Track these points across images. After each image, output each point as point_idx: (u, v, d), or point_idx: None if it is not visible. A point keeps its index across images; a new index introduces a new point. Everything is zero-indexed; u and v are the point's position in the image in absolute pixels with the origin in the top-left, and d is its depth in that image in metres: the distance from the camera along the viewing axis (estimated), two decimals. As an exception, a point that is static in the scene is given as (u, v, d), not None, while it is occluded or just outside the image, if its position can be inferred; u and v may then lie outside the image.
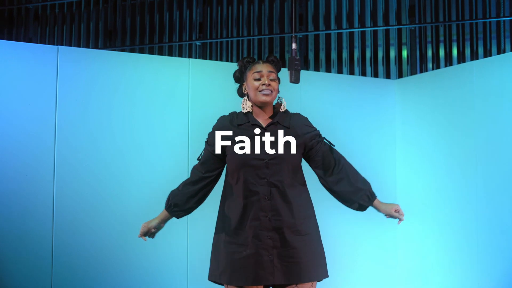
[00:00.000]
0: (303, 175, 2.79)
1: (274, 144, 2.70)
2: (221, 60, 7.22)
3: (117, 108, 4.22)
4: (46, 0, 7.78)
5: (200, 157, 2.81)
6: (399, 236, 5.09)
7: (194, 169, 2.81)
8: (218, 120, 2.84)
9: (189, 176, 2.82)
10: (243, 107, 2.80)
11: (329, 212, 4.13)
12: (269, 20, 7.16)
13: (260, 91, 2.71)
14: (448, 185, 4.70)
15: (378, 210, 2.82)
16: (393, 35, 6.82)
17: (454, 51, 6.55)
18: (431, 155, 4.86)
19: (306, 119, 2.86)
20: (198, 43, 7.37)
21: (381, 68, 6.78)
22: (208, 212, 3.07)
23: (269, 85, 2.71)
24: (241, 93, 2.85)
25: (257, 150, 2.68)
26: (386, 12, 6.83)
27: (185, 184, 2.79)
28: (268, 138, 2.70)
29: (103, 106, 4.17)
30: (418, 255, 4.97)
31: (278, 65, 2.79)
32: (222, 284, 2.74)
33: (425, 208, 4.90)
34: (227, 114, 2.83)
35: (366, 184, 2.80)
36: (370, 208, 2.83)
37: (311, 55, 7.01)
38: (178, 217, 2.81)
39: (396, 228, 5.00)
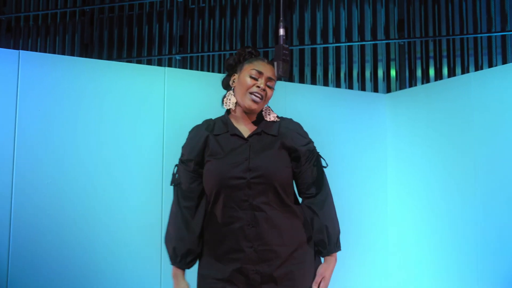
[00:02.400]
0: (295, 193, 2.32)
1: (258, 159, 2.21)
2: (202, 75, 6.91)
3: (84, 117, 3.84)
4: (20, 11, 7.48)
5: (174, 185, 2.30)
6: (390, 261, 4.81)
7: (182, 202, 2.28)
8: (191, 131, 2.35)
9: (169, 210, 2.32)
10: (225, 102, 2.34)
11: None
12: (252, 34, 6.90)
13: (251, 93, 2.25)
14: (443, 205, 4.40)
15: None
16: (381, 50, 6.59)
17: (445, 67, 6.34)
18: (425, 173, 4.58)
19: (299, 126, 2.37)
20: (178, 57, 7.08)
21: (368, 84, 6.54)
22: None
23: (263, 90, 2.27)
24: (226, 85, 2.39)
25: (237, 167, 2.19)
26: (374, 26, 6.61)
27: (179, 225, 2.27)
28: (250, 151, 2.23)
29: (69, 116, 3.78)
30: (410, 274, 4.67)
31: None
32: None
33: (419, 231, 4.62)
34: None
35: (331, 230, 2.31)
36: (360, 220, 2.44)
37: (296, 70, 6.74)
38: (190, 267, 2.31)
39: (388, 249, 4.75)
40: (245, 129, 2.32)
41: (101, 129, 3.87)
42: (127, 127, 3.95)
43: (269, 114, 2.37)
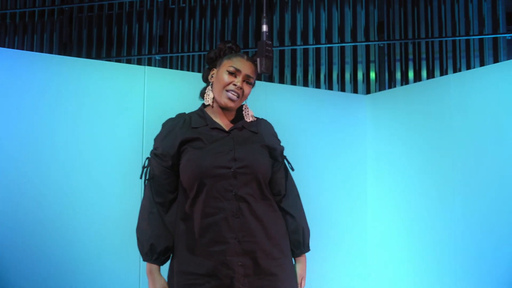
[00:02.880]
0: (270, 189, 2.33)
1: (242, 150, 2.21)
2: (182, 75, 6.86)
3: (61, 116, 3.75)
4: (-3, 9, 7.39)
5: (146, 181, 2.26)
6: (369, 261, 4.81)
7: (151, 201, 2.25)
8: (165, 123, 2.32)
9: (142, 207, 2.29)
10: (205, 98, 2.33)
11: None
12: (232, 35, 6.88)
13: (228, 90, 2.25)
14: (423, 206, 4.42)
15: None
16: (361, 52, 6.61)
17: (424, 69, 6.38)
18: (404, 174, 4.59)
19: (273, 128, 2.41)
20: (157, 57, 7.04)
21: (348, 86, 6.56)
22: None
23: (240, 88, 2.26)
24: (206, 79, 2.38)
25: (222, 156, 2.17)
26: (354, 28, 6.63)
27: (151, 221, 2.23)
28: (234, 142, 2.22)
29: (46, 114, 3.69)
30: (389, 276, 4.68)
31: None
32: None
33: (399, 233, 4.63)
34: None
35: (306, 231, 2.36)
36: (340, 221, 2.46)
37: (276, 71, 6.74)
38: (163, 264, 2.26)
39: (367, 252, 4.75)
40: (224, 123, 2.31)
41: (79, 128, 3.80)
42: (106, 126, 3.89)
43: (247, 114, 2.36)
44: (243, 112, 2.36)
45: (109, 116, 3.90)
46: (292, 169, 2.40)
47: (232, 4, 6.94)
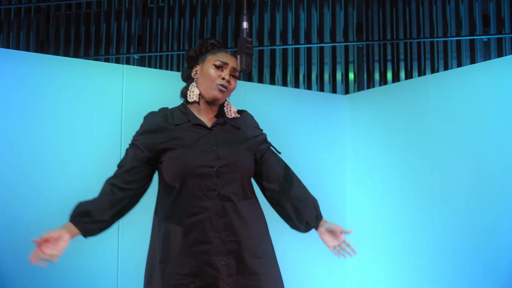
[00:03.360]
0: (252, 186, 2.31)
1: (225, 148, 2.19)
2: (160, 75, 6.82)
3: (37, 115, 3.69)
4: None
5: (122, 164, 2.20)
6: (348, 262, 4.82)
7: (113, 179, 2.18)
8: (146, 117, 2.28)
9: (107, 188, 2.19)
10: (189, 95, 2.28)
11: (277, 238, 3.80)
12: (211, 34, 6.87)
13: (218, 83, 2.22)
14: (401, 207, 4.45)
15: (321, 236, 2.38)
16: (340, 53, 6.64)
17: (402, 70, 6.43)
18: (383, 174, 4.62)
19: (253, 119, 2.41)
20: (136, 56, 7.00)
21: (327, 86, 6.58)
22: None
23: (228, 81, 2.24)
24: (187, 77, 2.35)
25: (205, 155, 2.15)
26: (333, 29, 6.66)
27: (100, 196, 2.15)
28: (217, 140, 2.20)
29: (22, 113, 3.64)
30: (368, 276, 4.70)
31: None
32: None
33: (378, 233, 4.65)
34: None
35: (314, 201, 2.39)
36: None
37: (255, 71, 6.73)
38: (86, 235, 2.12)
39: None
40: (207, 120, 2.29)
41: (57, 126, 3.75)
42: (83, 125, 3.84)
43: (230, 110, 2.35)
44: (225, 108, 2.34)
45: (87, 115, 3.86)
46: (279, 152, 2.41)
47: (212, 3, 6.93)
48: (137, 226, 3.15)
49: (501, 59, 4.01)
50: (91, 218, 2.11)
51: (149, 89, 4.07)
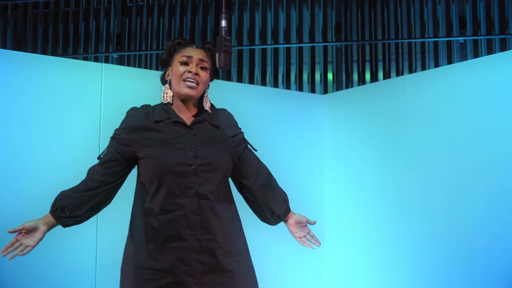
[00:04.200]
0: (229, 184, 2.36)
1: (204, 147, 2.21)
2: (139, 74, 6.79)
3: (14, 113, 3.66)
4: None
5: (102, 155, 2.25)
6: (326, 257, 4.87)
7: (91, 170, 2.24)
8: (128, 112, 2.30)
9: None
10: (163, 97, 2.31)
11: (253, 236, 3.80)
12: (191, 34, 6.87)
13: (185, 80, 2.23)
14: (378, 205, 4.50)
15: (289, 227, 2.49)
16: (319, 53, 6.68)
17: (380, 70, 6.49)
18: (360, 173, 4.67)
19: (232, 117, 2.44)
20: (115, 55, 6.97)
21: (306, 86, 6.61)
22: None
23: (196, 74, 2.25)
24: (164, 80, 2.37)
25: (184, 153, 2.17)
26: (312, 29, 6.69)
27: (78, 186, 2.22)
28: (196, 139, 2.23)
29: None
30: (347, 279, 4.74)
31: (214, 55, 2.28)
32: None
33: (354, 229, 4.69)
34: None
35: (284, 196, 2.48)
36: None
37: (234, 71, 6.75)
38: (64, 225, 2.20)
39: (324, 250, 4.79)
40: (187, 118, 2.30)
41: (34, 125, 3.72)
42: (61, 124, 3.82)
43: (206, 102, 2.36)
44: (203, 100, 2.36)
45: (65, 114, 3.84)
46: (255, 150, 2.47)
47: (191, 3, 6.93)
48: (115, 220, 3.16)
49: (476, 60, 4.07)
50: (65, 214, 2.17)
51: (127, 87, 4.06)
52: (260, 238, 4.32)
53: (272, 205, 2.41)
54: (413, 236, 4.20)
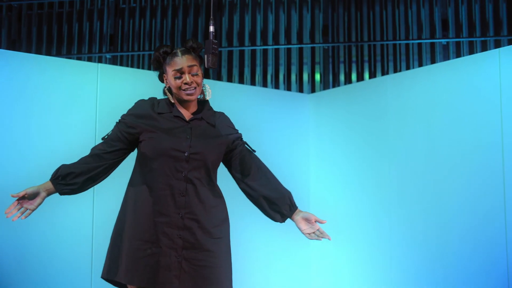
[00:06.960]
0: (216, 177, 2.61)
1: (198, 139, 2.49)
2: (132, 74, 6.91)
3: (9, 113, 3.76)
4: None
5: (106, 136, 2.54)
6: (312, 254, 5.00)
7: (94, 147, 2.54)
8: (137, 102, 2.58)
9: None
10: (165, 93, 2.60)
11: (241, 227, 3.95)
12: (182, 35, 7.01)
13: (184, 90, 2.50)
14: (361, 201, 4.66)
15: (297, 224, 2.65)
16: (306, 54, 6.84)
17: (366, 71, 6.65)
18: (345, 171, 4.82)
19: (229, 120, 2.71)
20: (108, 55, 7.10)
21: (294, 86, 6.77)
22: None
23: (192, 82, 2.50)
24: (161, 80, 2.63)
25: (179, 142, 2.46)
26: (300, 31, 6.85)
27: (79, 160, 2.51)
28: (192, 132, 2.50)
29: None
30: (332, 272, 4.89)
31: (199, 50, 2.55)
32: (119, 284, 2.48)
33: (339, 226, 4.83)
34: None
35: (288, 193, 2.66)
36: (283, 225, 2.73)
37: (224, 71, 6.91)
38: (61, 193, 2.48)
39: (310, 246, 4.93)
40: (187, 114, 2.57)
41: (30, 125, 3.84)
42: (57, 123, 3.94)
43: (207, 91, 2.63)
44: (206, 93, 2.63)
45: (60, 114, 3.96)
46: (254, 150, 2.70)
47: (182, 5, 7.07)
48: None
49: (455, 60, 4.24)
50: (65, 181, 2.45)
51: (122, 87, 4.20)
52: (249, 229, 4.47)
53: (276, 202, 2.61)
54: (393, 229, 4.38)
